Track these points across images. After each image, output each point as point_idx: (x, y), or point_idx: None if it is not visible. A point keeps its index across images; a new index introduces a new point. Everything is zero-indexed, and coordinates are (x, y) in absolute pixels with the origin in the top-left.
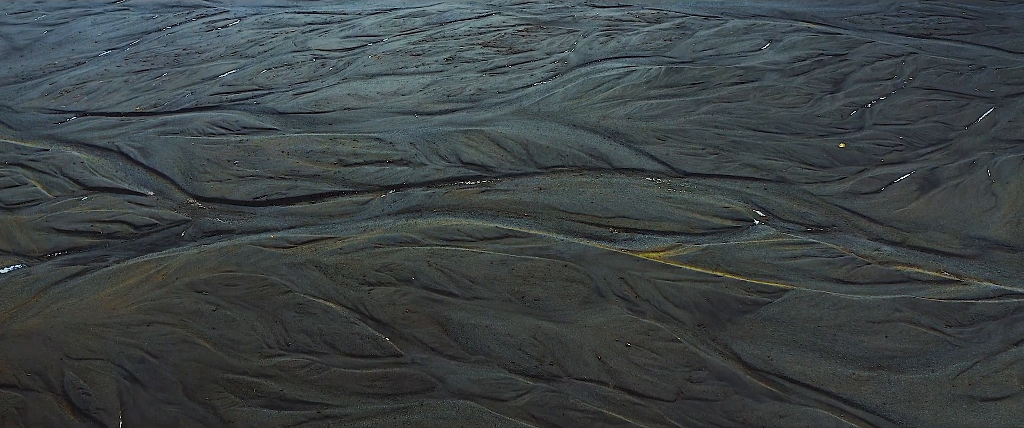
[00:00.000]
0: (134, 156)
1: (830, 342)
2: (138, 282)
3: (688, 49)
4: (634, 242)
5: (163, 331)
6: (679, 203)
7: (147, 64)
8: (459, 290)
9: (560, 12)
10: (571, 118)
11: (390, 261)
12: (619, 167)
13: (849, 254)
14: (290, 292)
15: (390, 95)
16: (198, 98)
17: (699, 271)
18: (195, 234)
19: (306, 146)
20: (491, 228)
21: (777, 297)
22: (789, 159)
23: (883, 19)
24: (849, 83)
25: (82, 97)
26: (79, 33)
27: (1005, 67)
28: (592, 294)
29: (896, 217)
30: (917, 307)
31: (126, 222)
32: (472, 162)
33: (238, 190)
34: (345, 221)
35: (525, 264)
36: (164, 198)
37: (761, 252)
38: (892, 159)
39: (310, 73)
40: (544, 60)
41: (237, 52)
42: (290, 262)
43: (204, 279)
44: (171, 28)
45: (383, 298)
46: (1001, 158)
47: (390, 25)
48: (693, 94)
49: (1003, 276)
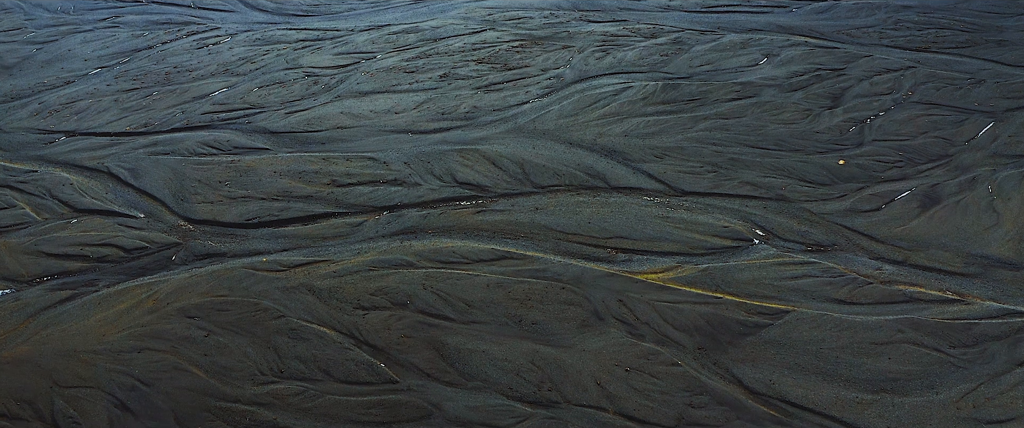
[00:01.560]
0: (124, 177)
1: (833, 365)
2: (129, 307)
3: (685, 64)
4: (632, 263)
5: (154, 358)
6: (678, 222)
7: (137, 83)
8: (455, 314)
9: (555, 27)
10: (567, 136)
11: (385, 284)
12: (616, 186)
13: (850, 273)
14: (283, 317)
15: (383, 113)
16: (189, 117)
17: (699, 293)
18: (186, 257)
19: (299, 166)
20: (487, 249)
21: (778, 319)
22: (788, 176)
23: (881, 32)
24: (847, 98)
25: (71, 117)
26: (69, 51)
27: (1004, 81)
28: (590, 317)
29: (897, 235)
30: (920, 328)
31: (116, 245)
32: (467, 182)
33: (230, 212)
34: (339, 243)
35: (522, 287)
36: (155, 220)
37: (761, 272)
38: (892, 176)
39: (302, 91)
40: (539, 76)
41: (228, 70)
42: (283, 286)
43: (195, 304)
44: (161, 45)
45: (378, 323)
46: (1002, 173)
47: (383, 41)
48: (690, 110)
49: (1006, 295)
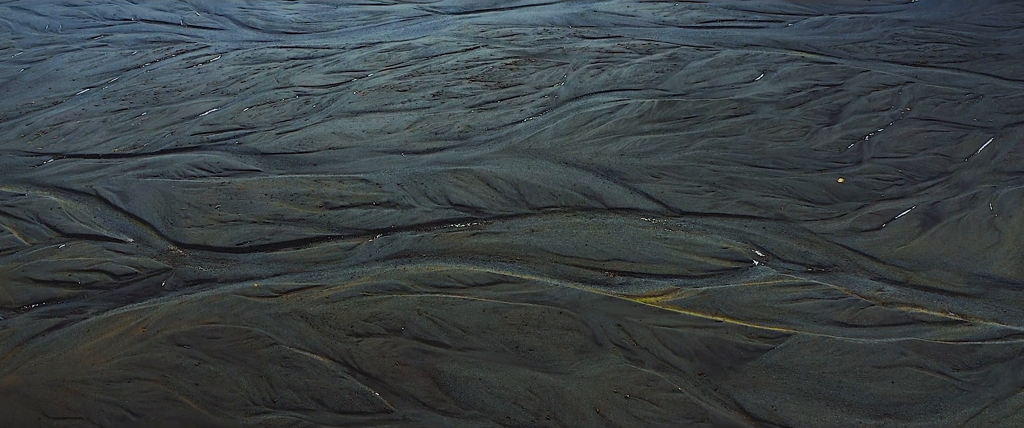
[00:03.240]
0: (113, 200)
1: (835, 389)
2: (118, 335)
3: (681, 81)
4: (631, 286)
5: (144, 388)
6: (676, 244)
7: (126, 103)
8: (451, 340)
9: (549, 44)
10: (563, 155)
11: (379, 310)
12: (613, 206)
13: (852, 295)
14: (275, 345)
15: (376, 133)
16: (178, 138)
17: (699, 316)
18: (176, 283)
19: (290, 188)
20: (483, 273)
21: (779, 342)
22: (787, 195)
23: (878, 47)
24: (845, 115)
25: (59, 138)
26: (57, 71)
27: (1003, 95)
28: (589, 343)
29: (898, 255)
30: (923, 350)
31: (105, 271)
32: (462, 203)
33: (220, 236)
34: (331, 267)
35: (519, 311)
36: (144, 245)
37: (762, 295)
38: (892, 194)
39: (293, 111)
40: (533, 94)
41: (218, 89)
42: (275, 312)
43: (186, 332)
44: (151, 65)
45: (372, 350)
46: (1003, 191)
47: (375, 59)
48: (687, 128)
49: (1009, 315)
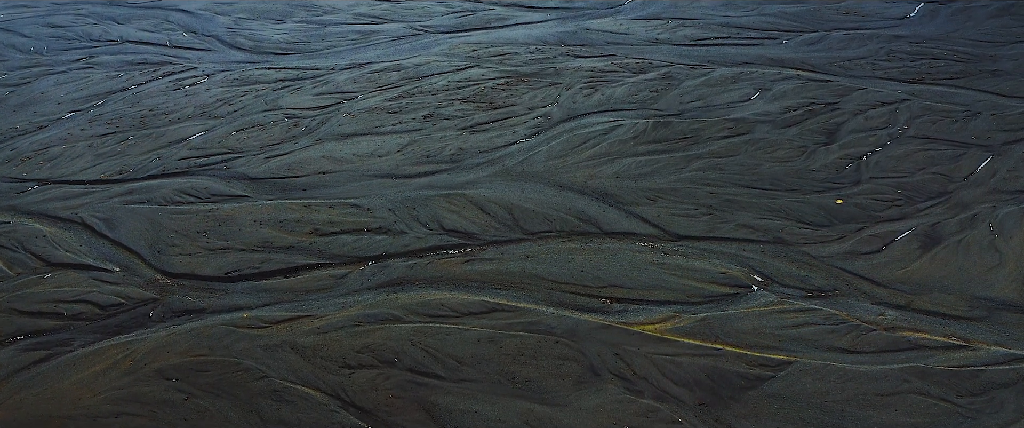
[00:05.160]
0: (99, 228)
1: (838, 419)
2: (105, 369)
3: (675, 100)
4: (628, 313)
5: (132, 424)
6: (673, 269)
7: (112, 127)
8: (445, 372)
9: (541, 63)
10: (557, 178)
11: (371, 341)
12: (609, 231)
13: (853, 320)
14: (266, 378)
15: (366, 157)
16: (165, 163)
17: (698, 344)
18: (164, 314)
19: (279, 214)
20: (477, 301)
21: (781, 370)
22: (786, 218)
23: (873, 64)
24: (843, 134)
25: (45, 164)
26: (42, 94)
27: (1000, 112)
28: (586, 373)
29: (899, 278)
30: (926, 376)
31: (91, 302)
32: (455, 229)
33: (208, 264)
34: (322, 296)
35: (514, 341)
36: (131, 274)
37: (762, 321)
38: (891, 215)
39: (282, 134)
40: (526, 115)
41: (206, 112)
42: (265, 344)
43: (174, 365)
44: (137, 87)
45: (365, 382)
46: (1003, 210)
47: (365, 81)
48: (682, 149)
49: (1012, 339)
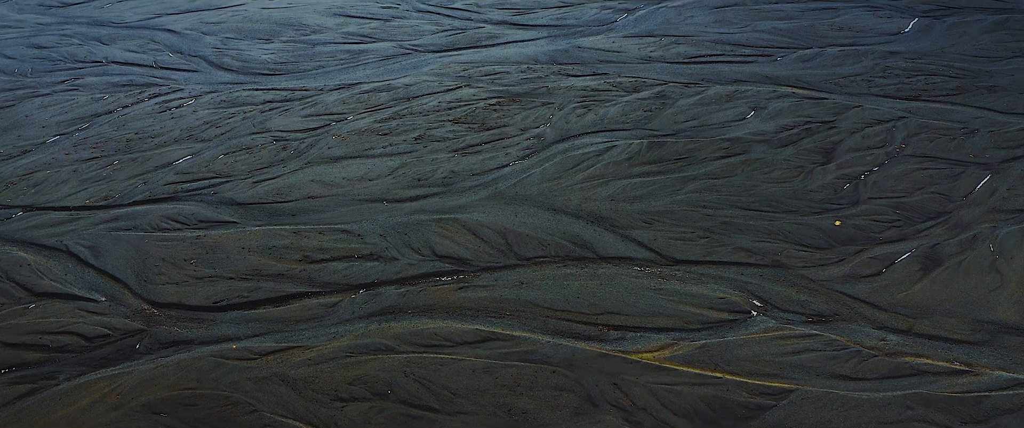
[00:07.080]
0: (84, 256)
1: None
2: (90, 403)
3: (669, 120)
4: (626, 341)
5: None
6: (671, 295)
7: (97, 151)
8: (440, 404)
9: (533, 83)
10: (551, 201)
11: (363, 372)
12: (605, 256)
13: (854, 346)
14: (256, 411)
15: (356, 180)
16: (152, 189)
17: (697, 372)
18: (151, 346)
19: (268, 241)
20: (471, 330)
21: (782, 399)
22: (784, 240)
23: (869, 81)
24: (840, 153)
25: (29, 189)
26: (26, 117)
27: (998, 129)
28: (584, 404)
29: (900, 302)
30: (929, 403)
31: (77, 333)
32: (447, 255)
33: (197, 294)
34: (313, 326)
35: (510, 371)
36: (117, 304)
37: (762, 348)
38: (891, 236)
39: (271, 157)
40: (519, 137)
41: (192, 135)
42: (255, 376)
43: (162, 398)
44: (122, 110)
45: (357, 416)
46: (1003, 230)
47: (354, 102)
48: (678, 171)
49: (1015, 363)
